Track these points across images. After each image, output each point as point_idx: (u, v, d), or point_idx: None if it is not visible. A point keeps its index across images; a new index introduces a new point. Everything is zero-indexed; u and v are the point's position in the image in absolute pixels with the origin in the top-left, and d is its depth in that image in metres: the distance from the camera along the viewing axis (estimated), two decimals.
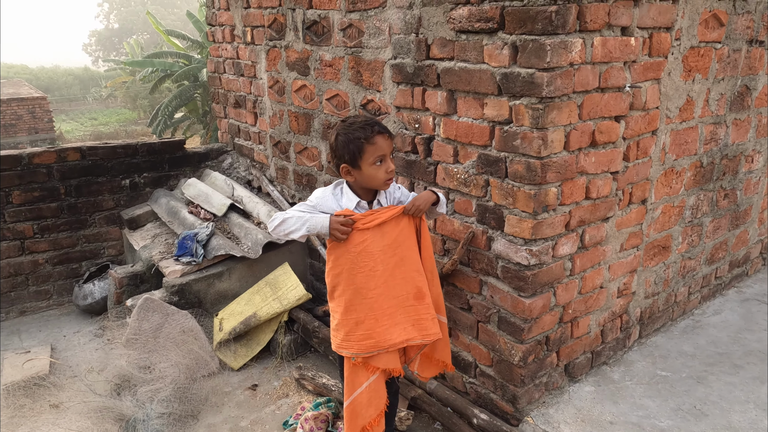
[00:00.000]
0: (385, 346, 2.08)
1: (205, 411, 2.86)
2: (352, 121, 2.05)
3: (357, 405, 2.13)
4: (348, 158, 2.02)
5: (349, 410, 2.14)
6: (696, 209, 3.00)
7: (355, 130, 2.01)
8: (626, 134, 2.41)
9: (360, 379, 2.13)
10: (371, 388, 2.13)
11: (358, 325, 2.08)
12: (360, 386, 2.13)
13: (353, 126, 2.02)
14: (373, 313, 2.08)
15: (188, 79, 13.81)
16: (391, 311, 2.10)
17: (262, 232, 3.61)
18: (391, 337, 2.08)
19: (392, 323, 2.09)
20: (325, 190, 2.16)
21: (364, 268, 2.06)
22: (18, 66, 41.58)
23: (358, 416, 2.13)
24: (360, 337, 2.08)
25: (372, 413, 2.13)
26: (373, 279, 2.06)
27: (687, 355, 2.85)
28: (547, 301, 2.37)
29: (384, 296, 2.08)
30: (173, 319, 3.16)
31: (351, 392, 2.14)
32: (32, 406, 2.77)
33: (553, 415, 2.45)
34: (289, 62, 3.47)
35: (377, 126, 2.02)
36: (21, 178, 3.83)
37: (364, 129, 2.00)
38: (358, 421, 2.14)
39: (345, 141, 2.01)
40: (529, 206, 2.17)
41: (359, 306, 2.08)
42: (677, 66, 2.54)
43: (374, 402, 2.13)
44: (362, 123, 2.02)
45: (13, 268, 3.93)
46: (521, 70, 2.06)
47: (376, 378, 2.13)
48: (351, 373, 2.14)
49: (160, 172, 4.33)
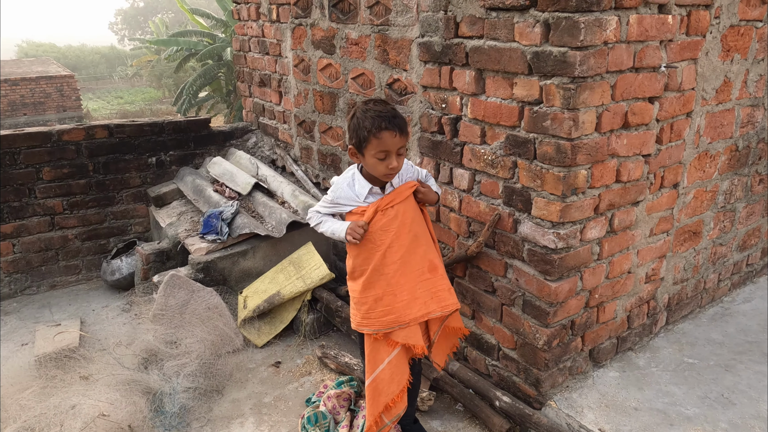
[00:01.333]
0: (405, 321, 2.10)
1: (229, 386, 2.91)
2: (369, 107, 2.02)
3: (379, 382, 2.14)
4: (355, 142, 2.05)
5: (372, 388, 2.15)
6: (729, 194, 2.92)
7: (367, 118, 1.99)
8: (660, 116, 2.34)
9: (381, 355, 2.14)
10: (393, 365, 2.14)
11: (377, 302, 2.10)
12: (382, 363, 2.14)
13: (367, 113, 2.00)
14: (391, 289, 2.09)
15: (212, 59, 13.84)
16: (409, 286, 2.11)
17: (286, 211, 3.62)
18: (411, 312, 2.10)
19: (411, 298, 2.11)
20: (341, 180, 2.18)
21: (381, 246, 2.08)
22: (46, 44, 42.12)
23: (380, 393, 2.14)
24: (380, 314, 2.10)
25: (394, 389, 2.14)
26: (390, 256, 2.08)
27: (715, 343, 2.80)
28: (574, 285, 2.34)
29: (401, 272, 2.10)
30: (198, 295, 3.20)
31: (373, 369, 2.15)
32: (63, 377, 2.85)
33: (577, 399, 2.43)
34: (315, 40, 3.44)
35: (388, 121, 1.98)
36: (51, 155, 3.89)
37: (374, 120, 1.98)
38: (380, 399, 2.15)
39: (355, 125, 2.02)
40: (558, 189, 2.13)
41: (377, 283, 2.10)
42: (715, 45, 2.45)
43: (396, 378, 2.14)
44: (376, 113, 1.99)
45: (43, 243, 4.01)
46: (553, 48, 2.01)
47: (397, 354, 2.14)
48: (372, 350, 2.15)
49: (186, 150, 4.36)
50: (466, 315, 2.75)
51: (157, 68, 26.77)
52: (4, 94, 18.00)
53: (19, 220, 3.90)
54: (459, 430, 2.56)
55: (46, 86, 19.12)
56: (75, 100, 19.97)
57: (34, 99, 18.83)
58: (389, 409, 2.19)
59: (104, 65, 39.10)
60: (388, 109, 2.02)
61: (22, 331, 3.51)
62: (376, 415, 2.18)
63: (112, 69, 38.27)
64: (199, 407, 2.74)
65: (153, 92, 31.35)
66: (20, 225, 3.91)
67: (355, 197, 2.13)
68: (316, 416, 2.52)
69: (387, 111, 2.01)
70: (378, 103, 2.05)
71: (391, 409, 2.19)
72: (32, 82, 18.69)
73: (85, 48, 41.78)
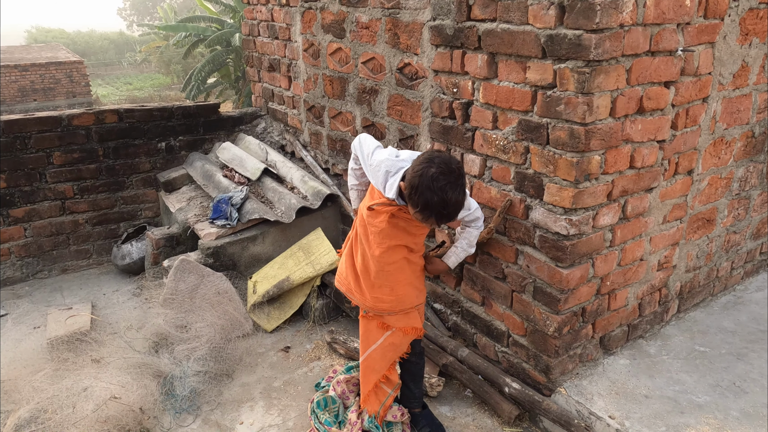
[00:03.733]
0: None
1: (239, 370, 2.93)
2: (436, 180, 1.87)
3: (371, 361, 2.35)
4: (407, 193, 1.96)
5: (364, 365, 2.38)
6: (744, 181, 2.88)
7: (424, 194, 1.88)
8: (675, 101, 2.31)
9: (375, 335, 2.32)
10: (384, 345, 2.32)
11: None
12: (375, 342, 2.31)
13: (428, 191, 1.87)
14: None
15: (221, 44, 13.79)
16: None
17: (295, 196, 3.61)
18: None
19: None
20: (386, 164, 2.06)
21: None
22: (56, 30, 42.10)
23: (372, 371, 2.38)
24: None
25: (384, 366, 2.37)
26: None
27: (727, 331, 2.78)
28: (585, 272, 2.32)
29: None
30: (208, 280, 3.21)
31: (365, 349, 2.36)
32: (75, 360, 2.87)
33: (587, 386, 2.43)
34: (325, 24, 3.41)
35: (436, 214, 1.92)
36: (61, 140, 3.90)
37: (426, 204, 1.90)
38: (371, 376, 2.38)
39: (415, 185, 1.90)
40: (571, 174, 2.11)
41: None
42: (734, 29, 2.40)
43: (388, 355, 2.35)
44: (430, 198, 1.88)
45: (54, 228, 4.04)
46: (568, 31, 1.97)
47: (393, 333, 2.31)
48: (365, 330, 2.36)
49: (195, 135, 4.35)
50: (475, 301, 2.75)
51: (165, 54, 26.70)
52: (14, 80, 18.03)
53: (30, 204, 3.92)
54: (468, 415, 2.57)
55: (55, 72, 19.13)
56: (84, 86, 19.98)
57: (44, 85, 18.86)
58: (383, 381, 2.37)
59: (113, 51, 39.08)
60: (442, 199, 1.88)
61: (35, 314, 3.54)
62: (367, 391, 2.38)
63: (120, 55, 38.26)
64: (210, 391, 2.76)
65: (162, 78, 31.31)
66: (31, 209, 3.93)
67: (381, 189, 2.10)
68: (325, 401, 2.53)
69: (439, 201, 1.88)
70: (443, 182, 1.87)
71: (385, 382, 2.37)
72: (42, 68, 18.70)
73: (94, 34, 41.74)
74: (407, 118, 2.90)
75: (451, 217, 1.97)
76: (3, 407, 2.58)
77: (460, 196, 1.92)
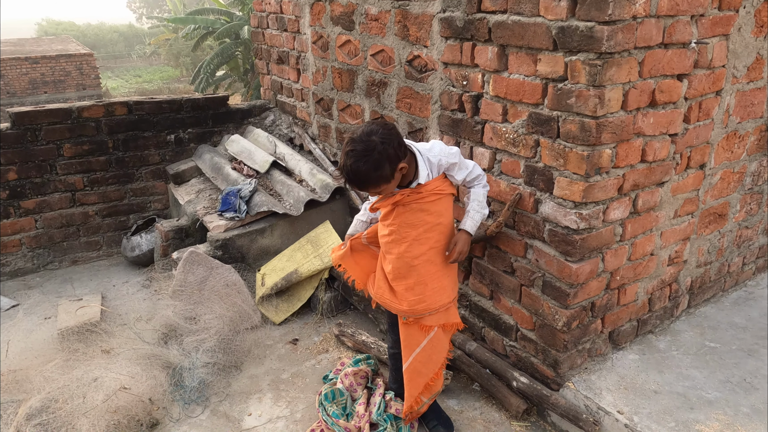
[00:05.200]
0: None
1: (247, 362, 2.94)
2: (345, 151, 1.95)
3: (417, 363, 2.27)
4: None
5: (410, 370, 2.29)
6: (757, 176, 2.85)
7: (341, 168, 1.97)
8: (688, 94, 2.28)
9: (418, 339, 2.25)
10: (429, 346, 2.25)
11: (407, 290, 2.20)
12: (418, 346, 2.24)
13: (342, 167, 1.96)
14: (421, 279, 2.18)
15: (229, 37, 13.79)
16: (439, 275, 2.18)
17: (303, 189, 3.61)
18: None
19: (440, 286, 2.18)
20: None
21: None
22: (66, 23, 42.28)
23: (419, 374, 2.29)
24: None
25: (432, 368, 2.29)
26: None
27: (738, 327, 2.75)
28: (595, 266, 2.31)
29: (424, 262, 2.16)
30: (217, 272, 3.22)
31: (409, 353, 2.27)
32: (85, 351, 2.90)
33: (595, 381, 2.42)
34: (334, 16, 3.40)
35: (348, 179, 1.96)
36: (71, 132, 3.91)
37: (342, 176, 1.98)
38: (419, 379, 2.29)
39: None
40: (581, 168, 2.09)
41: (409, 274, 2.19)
42: (749, 21, 2.37)
43: (434, 357, 2.27)
44: (344, 171, 1.95)
45: (65, 219, 4.06)
46: (579, 23, 1.95)
47: (435, 334, 2.24)
48: (407, 335, 2.26)
49: (204, 128, 4.36)
50: (484, 295, 2.74)
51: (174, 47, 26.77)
52: (25, 72, 18.14)
53: (41, 196, 3.94)
54: (476, 409, 2.56)
55: (65, 64, 19.22)
56: (94, 79, 20.07)
57: (54, 77, 18.96)
58: (429, 387, 2.29)
59: (122, 44, 39.21)
60: (350, 168, 1.93)
61: (45, 305, 3.57)
62: (414, 397, 2.29)
63: (130, 47, 38.38)
64: (218, 382, 2.77)
65: (171, 71, 31.39)
66: (42, 201, 3.95)
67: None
68: (333, 393, 2.54)
69: (348, 169, 1.94)
70: (350, 153, 1.94)
71: (431, 387, 2.30)
72: (52, 60, 18.80)
73: (104, 26, 41.88)
74: (416, 111, 2.88)
75: (363, 186, 1.96)
76: (14, 396, 2.61)
77: (367, 167, 1.90)
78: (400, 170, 1.98)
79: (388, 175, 1.94)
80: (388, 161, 1.92)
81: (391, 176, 1.96)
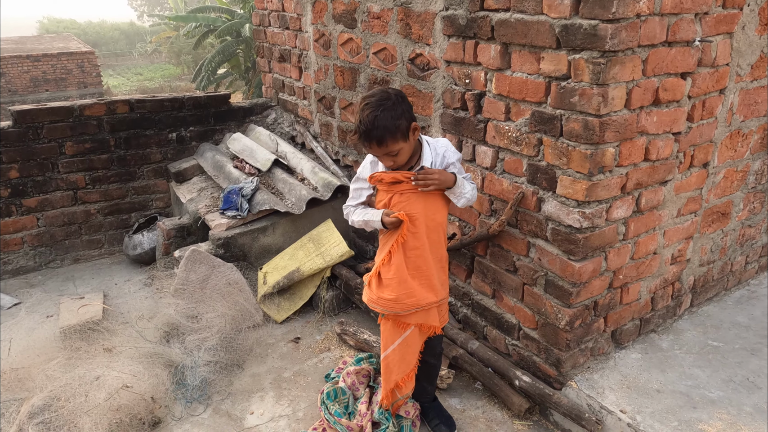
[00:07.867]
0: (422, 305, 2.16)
1: (249, 361, 2.94)
2: (361, 108, 1.97)
3: (390, 361, 2.27)
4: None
5: (384, 365, 2.30)
6: (761, 175, 2.84)
7: (357, 127, 1.98)
8: (692, 92, 2.27)
9: (394, 336, 2.23)
10: (403, 345, 2.23)
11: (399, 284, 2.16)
12: (393, 343, 2.23)
13: (359, 124, 1.96)
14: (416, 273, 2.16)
15: (231, 35, 13.79)
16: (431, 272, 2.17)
17: (305, 188, 3.61)
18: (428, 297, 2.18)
19: (429, 285, 2.17)
20: (365, 163, 2.20)
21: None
22: (67, 20, 42.25)
23: (391, 372, 2.29)
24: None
25: (404, 369, 2.28)
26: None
27: (741, 326, 2.75)
28: (598, 265, 2.30)
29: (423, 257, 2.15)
30: (219, 271, 3.22)
31: (385, 348, 2.26)
32: (87, 349, 2.90)
33: (598, 380, 2.41)
34: (336, 14, 3.39)
35: (365, 136, 1.96)
36: (73, 130, 3.91)
37: (358, 129, 1.98)
38: (391, 377, 2.29)
39: (356, 122, 2.01)
40: (585, 167, 2.08)
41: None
42: (753, 19, 2.36)
43: (407, 359, 2.26)
44: (358, 122, 1.96)
45: (67, 218, 4.06)
46: (583, 21, 1.94)
47: (410, 334, 2.22)
48: (385, 329, 2.25)
49: (206, 126, 4.36)
50: (486, 294, 2.73)
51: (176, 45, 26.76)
52: (26, 70, 18.13)
53: (42, 194, 3.94)
54: (478, 408, 2.56)
55: (67, 62, 19.20)
56: (96, 77, 20.06)
57: (55, 75, 18.94)
58: (399, 387, 2.30)
59: (124, 42, 39.19)
60: (367, 118, 1.93)
61: (47, 303, 3.58)
62: (388, 390, 2.31)
63: (131, 45, 38.36)
64: (220, 381, 2.77)
65: (172, 69, 31.38)
66: (44, 199, 3.95)
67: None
68: (335, 392, 2.54)
69: (366, 121, 1.93)
70: (366, 106, 1.96)
71: (402, 388, 2.30)
72: (54, 58, 18.78)
73: (105, 24, 41.86)
74: (419, 109, 2.88)
75: (381, 138, 1.94)
76: (17, 395, 2.61)
77: (385, 116, 1.91)
78: (414, 132, 2.00)
79: (405, 129, 1.96)
80: (403, 115, 1.95)
81: (407, 132, 1.98)
